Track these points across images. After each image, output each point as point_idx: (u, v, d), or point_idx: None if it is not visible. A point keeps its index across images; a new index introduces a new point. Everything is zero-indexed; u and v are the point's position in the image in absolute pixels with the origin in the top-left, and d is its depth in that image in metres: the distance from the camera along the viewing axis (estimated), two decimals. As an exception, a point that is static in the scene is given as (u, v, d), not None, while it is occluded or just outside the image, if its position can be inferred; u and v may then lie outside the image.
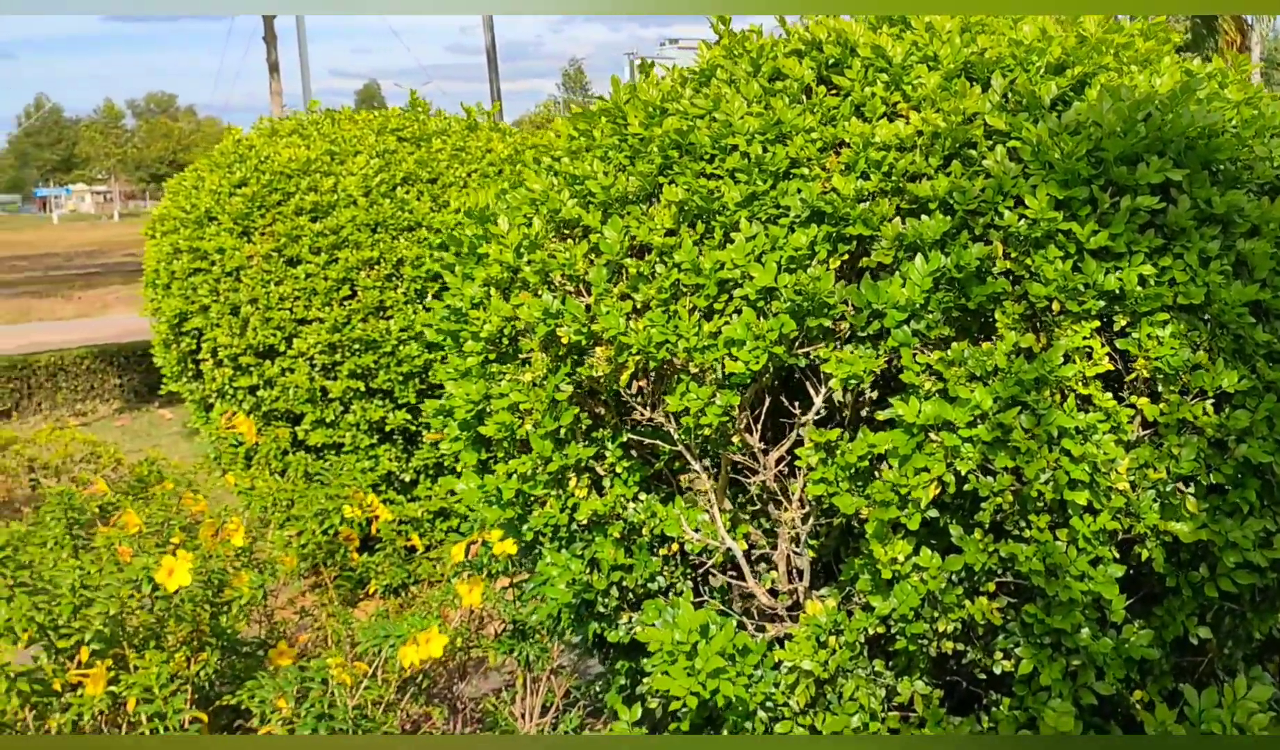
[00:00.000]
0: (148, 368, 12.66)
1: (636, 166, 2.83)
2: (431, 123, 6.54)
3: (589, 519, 2.92)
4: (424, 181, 6.09)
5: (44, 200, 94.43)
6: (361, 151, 6.14)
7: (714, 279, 2.62)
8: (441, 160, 6.19)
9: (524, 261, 2.97)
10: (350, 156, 6.12)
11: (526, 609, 4.41)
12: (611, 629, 3.04)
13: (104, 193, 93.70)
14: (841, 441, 2.58)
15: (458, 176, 6.13)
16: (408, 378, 5.92)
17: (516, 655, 4.34)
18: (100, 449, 7.36)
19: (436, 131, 6.44)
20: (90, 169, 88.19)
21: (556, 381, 2.86)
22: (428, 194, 6.04)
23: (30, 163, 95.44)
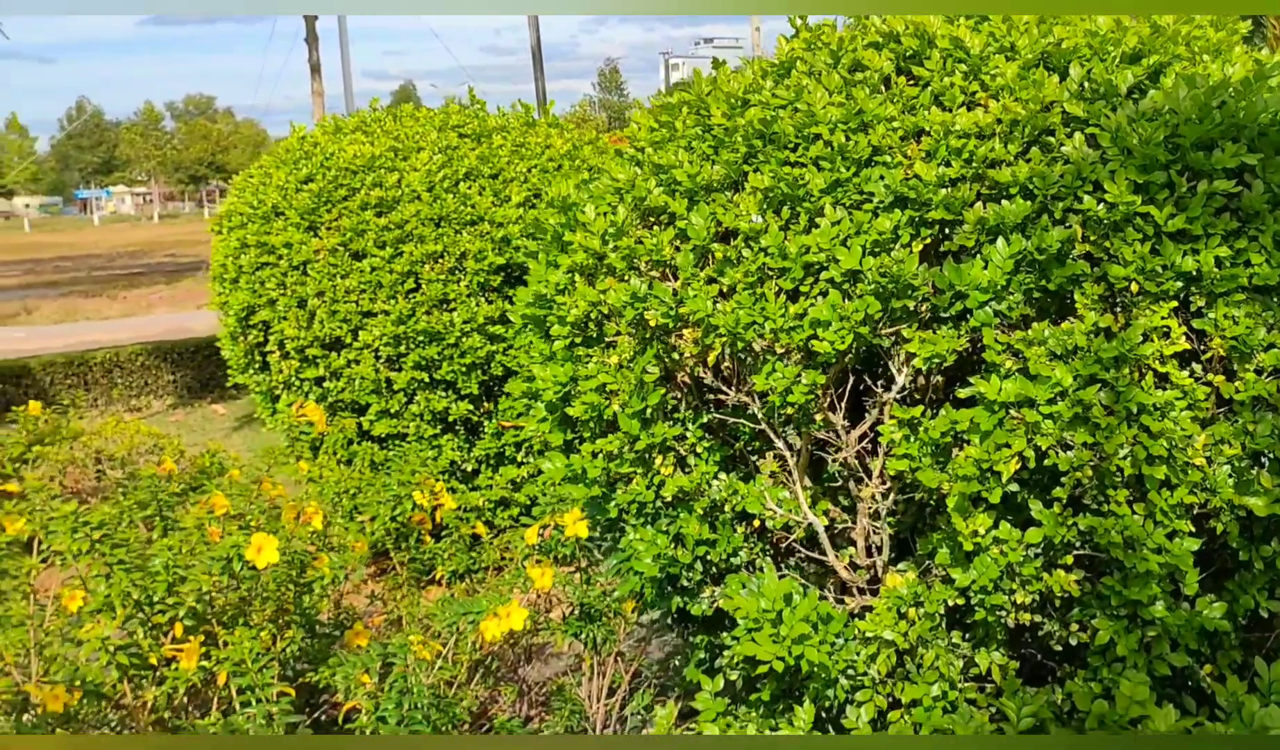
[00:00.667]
0: (199, 364, 12.92)
1: (721, 156, 2.94)
2: (491, 119, 6.68)
3: (674, 496, 3.03)
4: (485, 177, 6.22)
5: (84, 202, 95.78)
6: (424, 148, 6.29)
7: (800, 262, 2.72)
8: (502, 156, 6.32)
9: (609, 248, 3.09)
10: (413, 152, 6.27)
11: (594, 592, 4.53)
12: (694, 602, 3.15)
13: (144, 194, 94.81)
14: (924, 418, 2.67)
15: (518, 172, 6.27)
16: (470, 369, 6.06)
17: (584, 638, 4.46)
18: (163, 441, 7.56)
19: (496, 128, 6.57)
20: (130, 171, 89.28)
21: (644, 363, 2.97)
22: (490, 189, 6.17)
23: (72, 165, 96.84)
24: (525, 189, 6.20)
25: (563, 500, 4.64)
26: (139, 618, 3.77)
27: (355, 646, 4.38)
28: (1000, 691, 2.92)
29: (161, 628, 3.82)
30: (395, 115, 6.78)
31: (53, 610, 4.34)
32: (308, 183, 6.25)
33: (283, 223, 6.23)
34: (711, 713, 3.05)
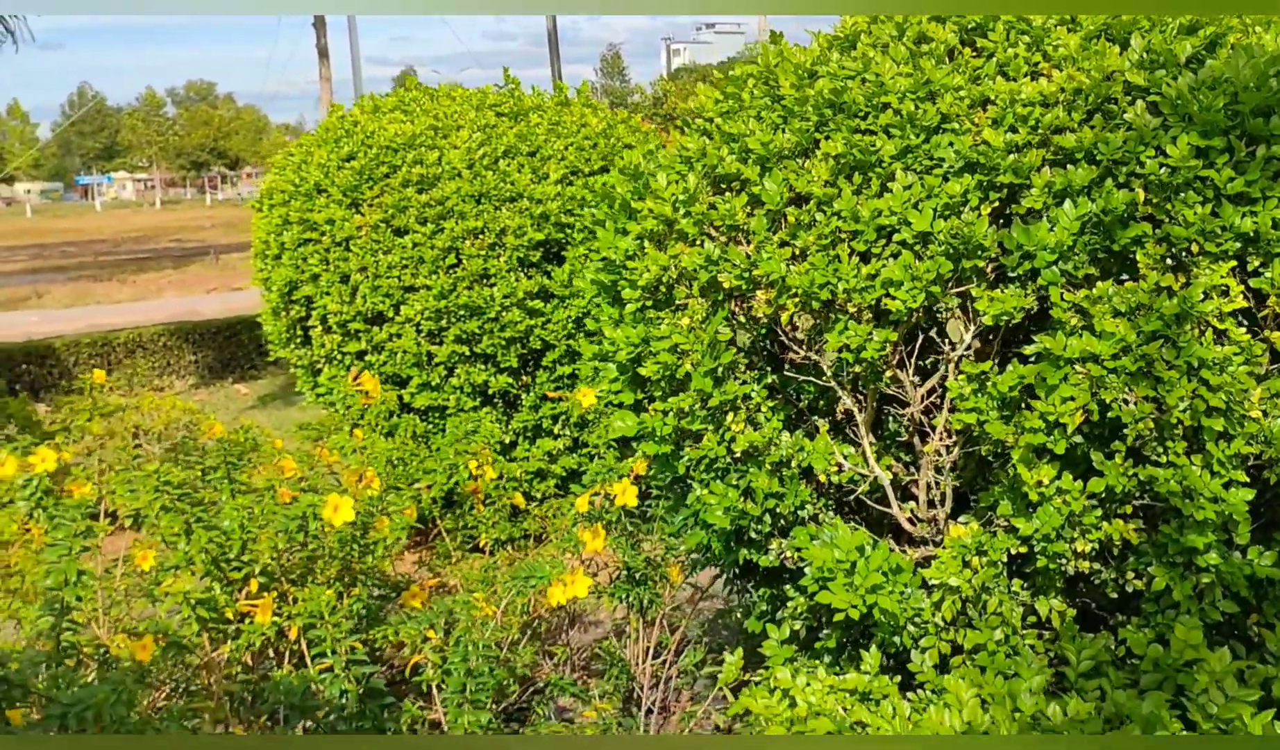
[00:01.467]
0: (220, 345, 13.05)
1: (792, 124, 3.06)
2: (526, 99, 6.80)
3: (744, 451, 3.16)
4: (524, 154, 6.34)
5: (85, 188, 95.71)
6: (463, 126, 6.41)
7: (873, 225, 2.85)
8: (539, 134, 6.44)
9: (680, 214, 3.21)
10: (453, 131, 6.39)
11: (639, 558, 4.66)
12: (762, 554, 3.29)
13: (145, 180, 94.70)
14: (992, 374, 2.81)
15: (555, 149, 6.39)
16: (510, 343, 6.19)
17: (631, 600, 4.60)
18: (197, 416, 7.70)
19: (533, 107, 6.69)
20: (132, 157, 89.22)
21: (716, 324, 3.10)
22: (528, 166, 6.29)
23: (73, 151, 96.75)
24: (563, 166, 6.32)
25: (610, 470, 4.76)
26: (215, 574, 3.90)
27: (410, 607, 4.51)
28: (1058, 637, 3.06)
29: (236, 584, 3.96)
30: (433, 95, 6.90)
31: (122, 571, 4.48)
32: (349, 161, 6.37)
33: (325, 200, 6.35)
34: (779, 658, 3.19)
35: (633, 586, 4.61)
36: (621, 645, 4.76)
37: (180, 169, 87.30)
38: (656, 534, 4.75)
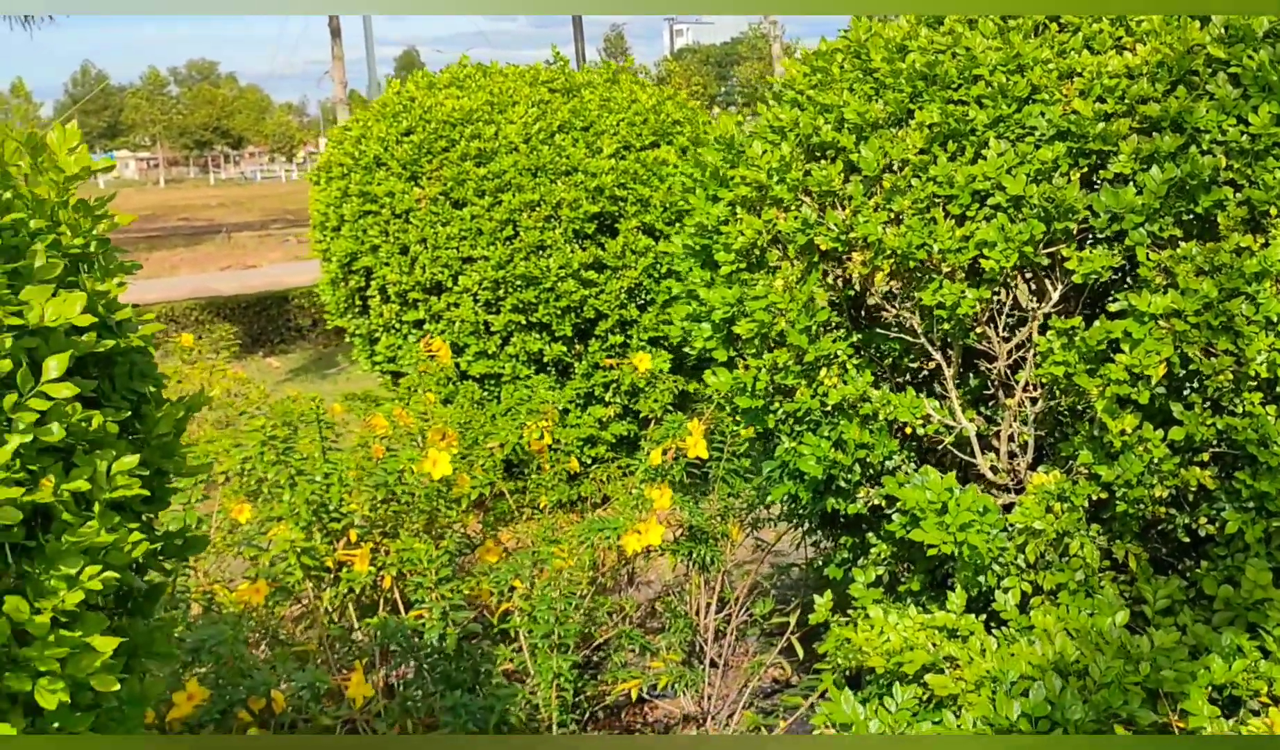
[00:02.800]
0: (250, 319, 13.24)
1: (886, 95, 3.25)
2: (577, 75, 6.97)
3: (835, 404, 3.36)
4: (578, 129, 6.52)
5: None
6: (519, 102, 6.58)
7: (968, 190, 3.04)
8: (592, 109, 6.61)
9: (774, 181, 3.40)
10: (509, 106, 6.56)
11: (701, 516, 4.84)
12: (850, 502, 3.49)
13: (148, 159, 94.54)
14: (1079, 329, 3.00)
15: (608, 124, 6.56)
16: (565, 312, 6.38)
17: (695, 557, 4.79)
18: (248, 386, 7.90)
19: (584, 83, 6.86)
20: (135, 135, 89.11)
21: (812, 284, 3.29)
22: (582, 141, 6.47)
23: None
24: (615, 141, 6.50)
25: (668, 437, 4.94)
26: (316, 525, 4.11)
27: (486, 562, 4.71)
28: (1133, 580, 3.26)
29: (334, 535, 4.16)
30: (486, 71, 7.07)
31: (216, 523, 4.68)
32: (408, 135, 6.55)
33: (384, 173, 6.53)
34: (867, 599, 3.39)
35: (695, 543, 4.79)
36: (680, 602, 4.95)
37: (184, 148, 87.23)
38: (716, 493, 4.94)
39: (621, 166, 6.43)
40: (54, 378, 1.58)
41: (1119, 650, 2.85)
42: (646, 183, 6.47)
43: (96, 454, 1.66)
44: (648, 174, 6.49)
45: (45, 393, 1.57)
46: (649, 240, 6.44)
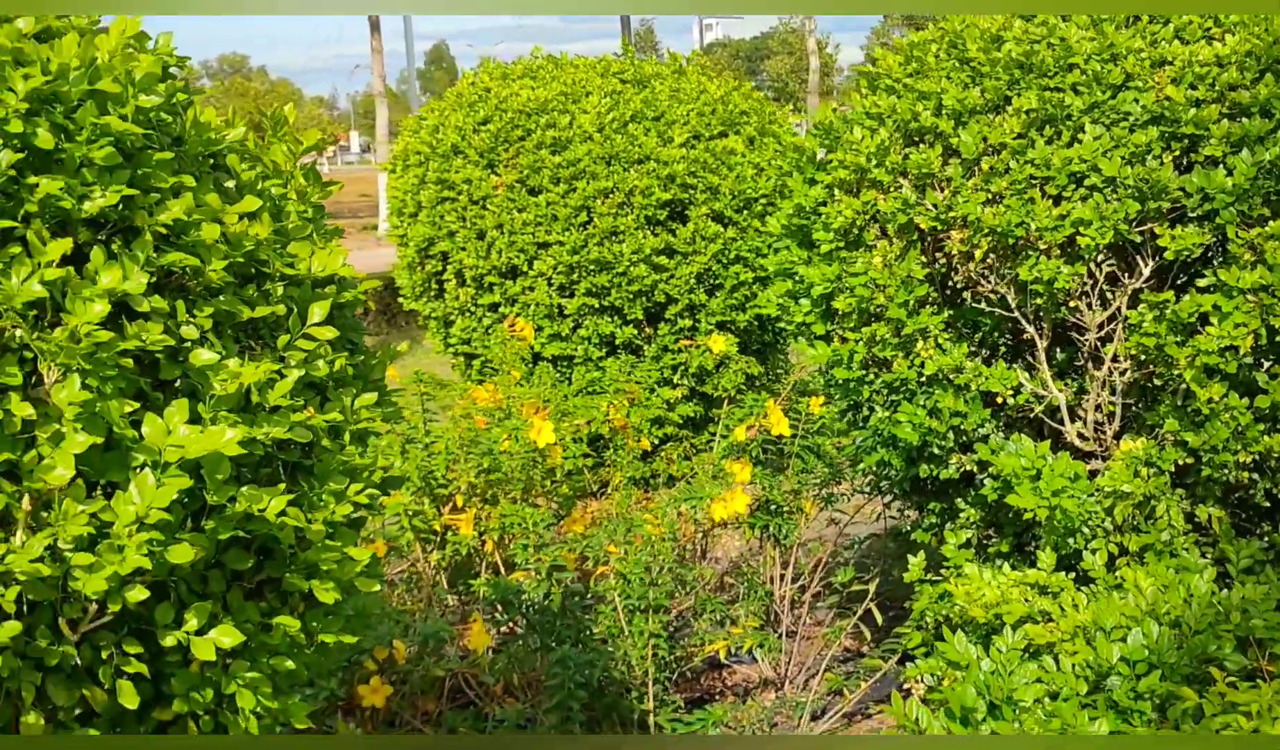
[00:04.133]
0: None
1: (984, 83, 3.45)
2: (646, 67, 7.19)
3: (931, 375, 3.57)
4: (649, 119, 6.74)
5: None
6: (592, 92, 6.81)
7: (1064, 172, 3.24)
8: (663, 100, 6.83)
9: (873, 164, 3.61)
10: (583, 96, 6.79)
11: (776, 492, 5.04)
12: (942, 468, 3.69)
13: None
14: (1170, 302, 3.19)
15: (678, 114, 6.78)
16: (636, 296, 6.60)
17: (772, 529, 5.00)
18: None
19: (653, 75, 7.08)
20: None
21: (912, 261, 3.50)
22: (654, 130, 6.69)
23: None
24: (686, 130, 6.71)
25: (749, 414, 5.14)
26: (425, 490, 4.35)
27: (573, 532, 4.94)
28: (1215, 542, 3.46)
29: (441, 500, 4.40)
30: (557, 63, 7.30)
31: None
32: (485, 124, 6.79)
33: (462, 161, 6.77)
34: (961, 559, 3.60)
35: (771, 516, 5.00)
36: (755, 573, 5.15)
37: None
38: (790, 469, 5.14)
39: (692, 155, 6.64)
40: (317, 322, 1.81)
41: (1208, 603, 3.04)
42: (715, 171, 6.68)
43: (342, 391, 1.89)
44: (716, 162, 6.70)
45: (310, 334, 1.80)
46: (718, 227, 6.65)
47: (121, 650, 1.50)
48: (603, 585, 4.44)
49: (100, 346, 1.43)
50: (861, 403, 3.91)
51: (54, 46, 1.56)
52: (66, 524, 1.39)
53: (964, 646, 2.84)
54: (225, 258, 1.66)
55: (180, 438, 1.48)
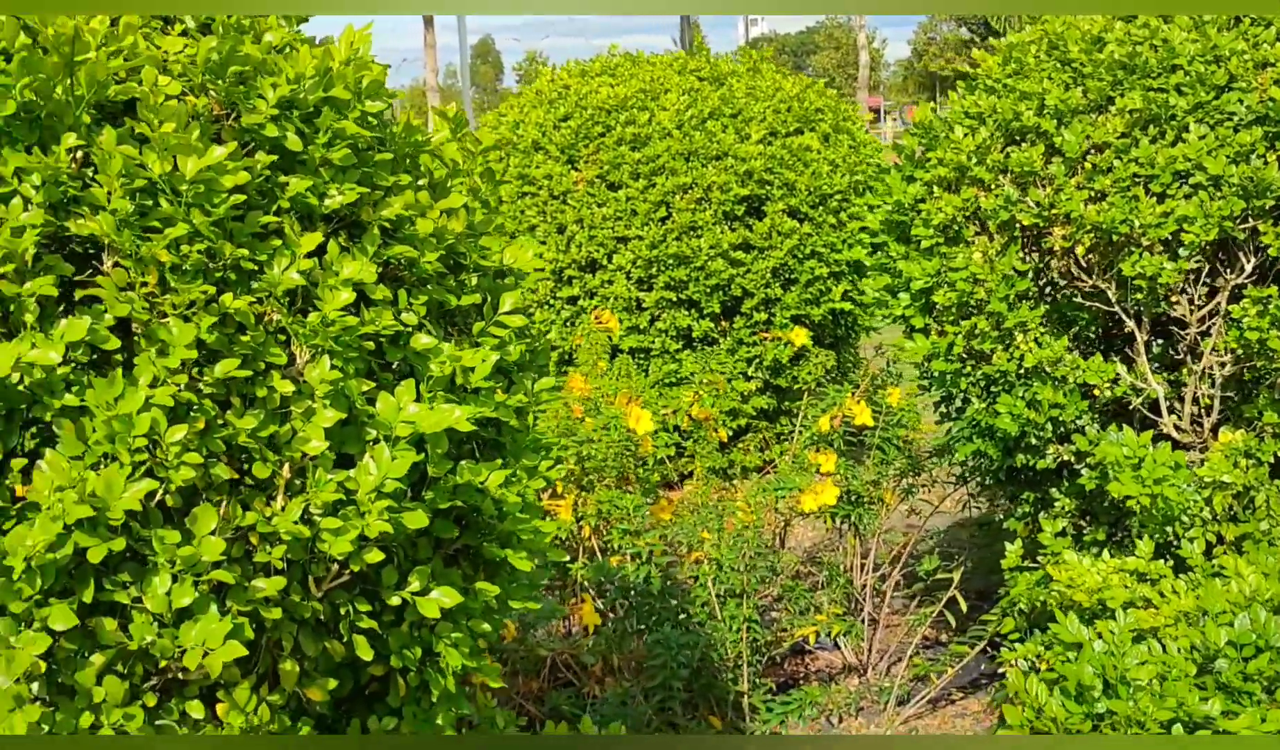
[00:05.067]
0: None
1: (1087, 83, 3.54)
2: (722, 64, 7.31)
3: (1030, 368, 3.67)
4: (727, 116, 6.86)
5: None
6: (670, 89, 6.94)
7: (1169, 170, 3.33)
8: (739, 97, 6.95)
9: (973, 162, 3.71)
10: (661, 94, 6.92)
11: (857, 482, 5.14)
12: (1039, 458, 3.79)
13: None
14: (1274, 297, 3.28)
15: (755, 112, 6.89)
16: (713, 290, 6.73)
17: (853, 518, 5.10)
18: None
19: (729, 72, 7.20)
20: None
21: (1013, 256, 3.60)
22: (731, 127, 6.81)
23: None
24: (763, 127, 6.83)
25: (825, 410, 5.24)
26: (526, 476, 4.50)
27: (660, 520, 5.07)
28: (1311, 531, 3.53)
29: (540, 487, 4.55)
30: (635, 60, 7.44)
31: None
32: (565, 121, 6.94)
33: (542, 156, 6.92)
34: (1059, 546, 3.69)
35: (852, 506, 5.10)
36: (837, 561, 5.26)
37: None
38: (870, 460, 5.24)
39: (769, 152, 6.76)
40: (507, 311, 1.95)
41: (1310, 590, 3.13)
42: (791, 167, 6.79)
43: (523, 374, 2.03)
44: (793, 159, 6.81)
45: (501, 322, 1.94)
46: (793, 222, 6.76)
47: (355, 609, 1.65)
48: (699, 570, 4.57)
49: (347, 330, 1.58)
50: (955, 395, 4.01)
51: (290, 57, 1.71)
52: (319, 490, 1.54)
53: (1076, 627, 2.94)
54: (434, 250, 1.80)
55: (411, 415, 1.63)
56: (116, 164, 1.39)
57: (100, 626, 1.36)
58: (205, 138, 1.50)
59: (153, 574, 1.38)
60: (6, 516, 1.32)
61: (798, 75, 7.62)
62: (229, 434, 1.46)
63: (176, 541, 1.36)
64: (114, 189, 1.40)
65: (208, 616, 1.38)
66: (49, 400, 1.33)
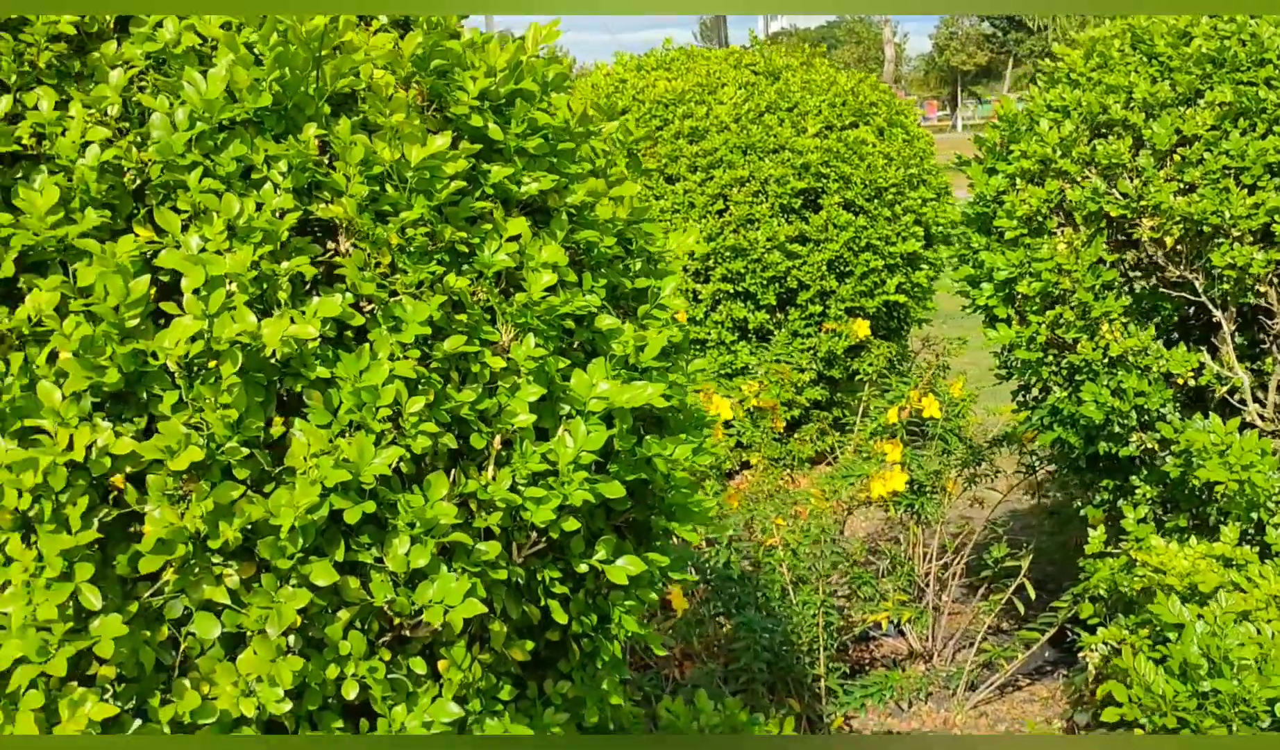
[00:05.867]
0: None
1: (1175, 77, 3.61)
2: (777, 59, 7.38)
3: (1115, 356, 3.73)
4: (783, 110, 6.93)
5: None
6: (727, 84, 7.01)
7: (1260, 163, 3.39)
8: (795, 91, 7.02)
9: (1058, 155, 3.78)
10: (718, 88, 7.00)
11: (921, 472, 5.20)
12: (1122, 446, 3.86)
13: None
14: (1363, 288, 3.34)
15: (811, 105, 6.96)
16: (769, 282, 6.80)
17: (917, 508, 5.17)
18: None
19: (783, 67, 7.27)
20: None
21: (1099, 246, 3.67)
22: (788, 121, 6.88)
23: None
24: (819, 121, 6.90)
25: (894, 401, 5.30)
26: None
27: (729, 506, 5.15)
28: (1394, 518, 3.60)
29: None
30: (689, 55, 7.52)
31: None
32: (623, 115, 7.01)
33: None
34: (1142, 532, 3.77)
35: (915, 495, 5.17)
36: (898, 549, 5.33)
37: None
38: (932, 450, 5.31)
39: (824, 145, 6.83)
40: (669, 293, 2.04)
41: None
42: (847, 161, 6.86)
43: (677, 356, 2.12)
44: (849, 152, 6.88)
45: (663, 305, 2.03)
46: (849, 215, 6.83)
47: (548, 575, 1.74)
48: (774, 557, 4.65)
49: (550, 310, 1.67)
50: (1034, 383, 4.09)
51: (480, 52, 1.80)
52: (526, 461, 1.62)
53: (1178, 608, 3.01)
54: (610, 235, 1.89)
55: (604, 391, 1.72)
56: (358, 152, 1.48)
57: (346, 585, 1.45)
58: (424, 128, 1.59)
59: (392, 536, 1.47)
60: (268, 480, 1.41)
61: (849, 69, 7.68)
62: (452, 406, 1.55)
63: (420, 505, 1.45)
64: (353, 175, 1.49)
65: (443, 577, 1.47)
66: (305, 372, 1.42)
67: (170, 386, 1.36)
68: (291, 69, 1.45)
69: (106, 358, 1.29)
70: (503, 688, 1.69)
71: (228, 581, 1.38)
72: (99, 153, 1.38)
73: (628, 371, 1.87)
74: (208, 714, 1.35)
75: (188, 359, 1.34)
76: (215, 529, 1.35)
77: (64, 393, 1.29)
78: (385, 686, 1.48)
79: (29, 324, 1.31)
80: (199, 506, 1.33)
